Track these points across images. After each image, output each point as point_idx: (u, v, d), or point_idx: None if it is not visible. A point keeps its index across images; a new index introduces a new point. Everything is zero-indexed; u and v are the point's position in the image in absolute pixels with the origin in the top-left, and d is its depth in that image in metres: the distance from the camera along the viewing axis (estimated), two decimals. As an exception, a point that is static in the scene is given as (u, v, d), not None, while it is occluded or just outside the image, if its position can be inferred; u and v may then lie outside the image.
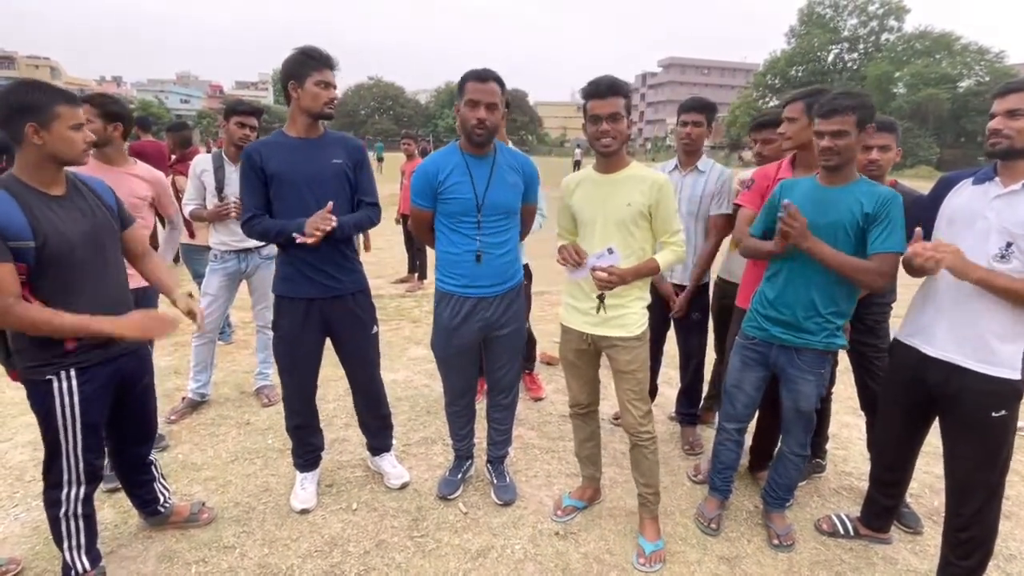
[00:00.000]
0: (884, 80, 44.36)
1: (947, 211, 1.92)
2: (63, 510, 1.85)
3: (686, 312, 2.92)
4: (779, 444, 2.41)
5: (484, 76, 2.15)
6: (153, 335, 1.85)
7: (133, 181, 2.65)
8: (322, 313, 2.38)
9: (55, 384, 1.74)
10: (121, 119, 2.57)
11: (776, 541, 2.34)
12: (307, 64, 2.20)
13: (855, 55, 53.66)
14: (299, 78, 2.20)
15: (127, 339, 1.79)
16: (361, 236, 5.97)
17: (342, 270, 2.37)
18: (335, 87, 2.28)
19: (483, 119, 2.13)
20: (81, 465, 1.84)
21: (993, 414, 1.83)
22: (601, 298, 2.13)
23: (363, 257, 2.66)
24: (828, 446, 2.95)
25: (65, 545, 1.88)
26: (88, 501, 1.90)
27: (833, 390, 2.77)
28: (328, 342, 2.50)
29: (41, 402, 1.76)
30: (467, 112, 2.15)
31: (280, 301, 2.39)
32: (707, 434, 3.14)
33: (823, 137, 1.98)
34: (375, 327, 2.56)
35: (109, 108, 2.52)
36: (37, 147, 1.66)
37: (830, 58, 54.36)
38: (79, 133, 1.71)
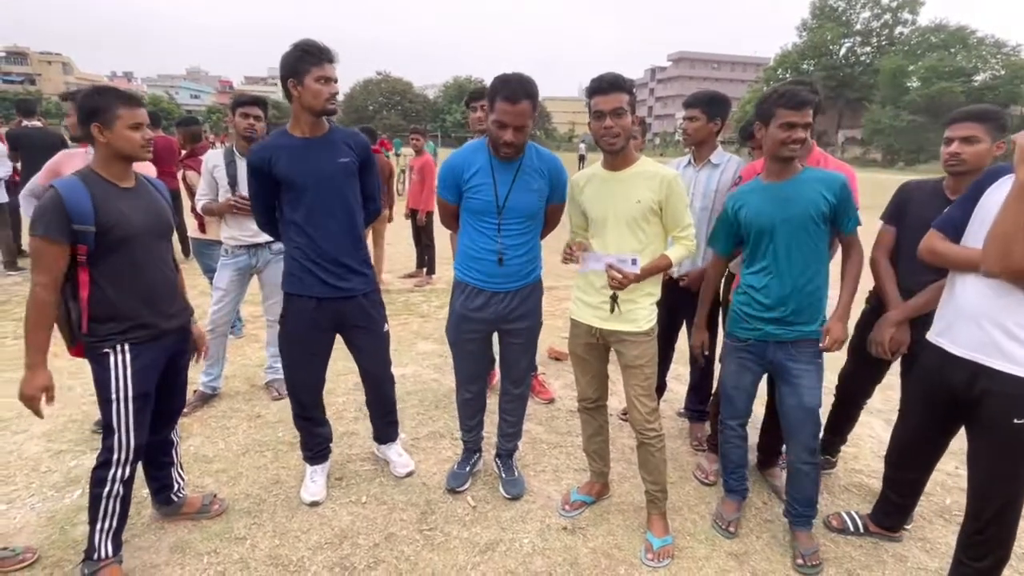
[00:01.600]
0: (898, 74, 43.82)
1: (987, 203, 1.80)
2: (107, 489, 1.94)
3: (697, 287, 2.79)
4: (786, 456, 2.31)
5: (515, 97, 2.01)
6: (28, 404, 1.82)
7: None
8: (332, 312, 2.37)
9: (111, 357, 1.89)
10: None
11: (800, 561, 2.18)
12: (306, 60, 2.13)
13: (868, 49, 53.05)
14: (298, 75, 2.13)
15: (22, 392, 1.81)
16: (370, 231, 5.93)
17: (352, 271, 2.35)
18: (336, 81, 2.21)
19: (510, 142, 2.10)
20: (132, 440, 1.95)
21: (1016, 420, 1.70)
22: (615, 297, 2.13)
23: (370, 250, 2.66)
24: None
25: (97, 526, 1.96)
26: (129, 483, 2.00)
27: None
28: (339, 338, 2.50)
29: (100, 374, 1.91)
30: (495, 130, 2.10)
31: (289, 298, 2.38)
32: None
33: (796, 128, 2.00)
34: (386, 325, 2.57)
35: None
36: (103, 144, 1.86)
37: (842, 51, 53.76)
38: (137, 132, 1.87)
